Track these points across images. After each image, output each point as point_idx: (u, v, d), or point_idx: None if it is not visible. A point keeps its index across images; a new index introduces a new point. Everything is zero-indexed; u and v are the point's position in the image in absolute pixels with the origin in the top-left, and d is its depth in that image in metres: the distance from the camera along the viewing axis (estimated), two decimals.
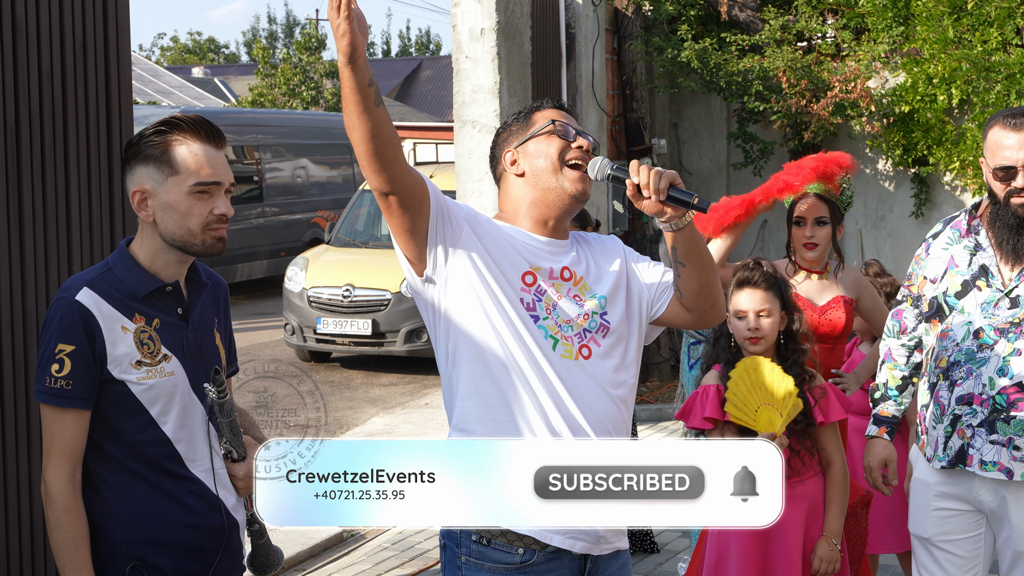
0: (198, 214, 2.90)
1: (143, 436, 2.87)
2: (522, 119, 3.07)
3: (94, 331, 2.81)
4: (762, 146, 11.20)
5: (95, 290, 2.85)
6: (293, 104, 31.63)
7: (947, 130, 10.52)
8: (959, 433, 3.79)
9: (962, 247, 3.89)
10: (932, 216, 10.90)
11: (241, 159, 19.51)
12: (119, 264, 2.92)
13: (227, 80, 43.02)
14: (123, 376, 2.84)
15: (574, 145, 2.99)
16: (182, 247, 2.92)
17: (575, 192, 2.99)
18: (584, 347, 2.96)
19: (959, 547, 3.87)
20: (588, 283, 3.03)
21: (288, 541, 6.72)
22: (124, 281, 2.89)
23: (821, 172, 4.79)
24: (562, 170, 2.98)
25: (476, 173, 7.94)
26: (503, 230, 2.98)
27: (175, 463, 2.92)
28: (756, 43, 11.09)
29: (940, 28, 10.27)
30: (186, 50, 70.22)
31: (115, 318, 2.84)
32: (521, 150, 3.03)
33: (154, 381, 2.87)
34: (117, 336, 2.84)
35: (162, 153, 2.89)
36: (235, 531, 3.04)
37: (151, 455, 2.89)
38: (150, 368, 2.87)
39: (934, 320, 3.92)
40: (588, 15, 10.51)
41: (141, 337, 2.87)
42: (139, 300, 2.89)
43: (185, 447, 2.93)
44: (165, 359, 2.90)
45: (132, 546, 2.88)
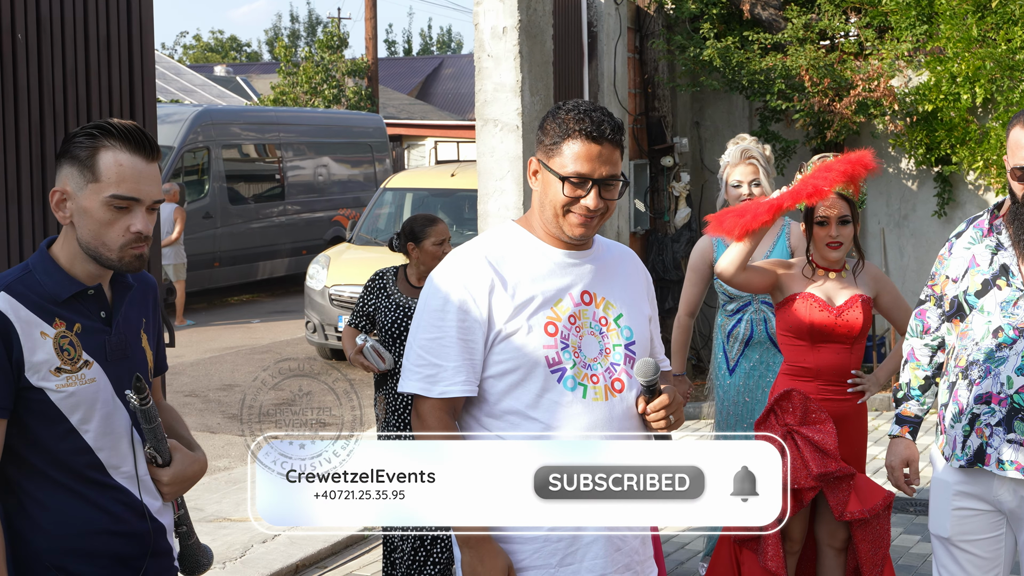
0: (116, 229, 2.76)
1: (63, 444, 2.76)
2: (556, 135, 2.97)
3: (11, 337, 2.69)
4: (784, 145, 11.17)
5: (12, 294, 2.73)
6: (315, 103, 31.66)
7: (971, 129, 10.47)
8: (977, 432, 3.78)
9: (984, 246, 3.87)
10: (955, 215, 10.85)
11: (263, 157, 19.56)
12: (39, 267, 2.80)
13: (249, 78, 43.10)
14: (41, 383, 2.72)
15: (582, 201, 2.94)
16: (96, 258, 2.79)
17: (573, 236, 3.00)
18: (616, 380, 3.01)
19: (979, 547, 3.86)
20: (610, 300, 3.06)
21: (309, 539, 6.74)
22: (44, 284, 2.77)
23: (850, 176, 4.76)
24: (564, 216, 2.98)
25: (498, 172, 7.94)
26: (520, 270, 2.99)
27: (98, 471, 2.81)
28: (779, 41, 11.05)
29: (964, 26, 10.22)
30: (208, 48, 70.36)
31: (34, 323, 2.72)
32: (541, 167, 3.01)
33: (74, 389, 2.75)
34: (36, 342, 2.72)
35: (88, 157, 2.76)
36: (161, 535, 2.94)
37: (72, 463, 2.78)
38: (70, 375, 2.75)
39: (955, 319, 3.91)
40: (610, 13, 10.50)
41: (61, 343, 2.75)
42: (59, 304, 2.77)
43: (107, 455, 2.82)
44: (86, 365, 2.77)
45: (53, 556, 2.77)
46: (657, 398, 2.99)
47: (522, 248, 3.03)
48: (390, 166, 21.67)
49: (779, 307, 4.88)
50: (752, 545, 4.78)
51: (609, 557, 2.98)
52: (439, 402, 2.95)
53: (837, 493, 4.69)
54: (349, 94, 31.87)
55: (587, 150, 2.93)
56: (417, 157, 25.66)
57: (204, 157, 17.95)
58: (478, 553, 2.90)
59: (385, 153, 21.73)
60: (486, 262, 2.98)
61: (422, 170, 18.66)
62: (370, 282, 5.84)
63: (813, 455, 4.64)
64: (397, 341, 5.64)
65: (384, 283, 5.81)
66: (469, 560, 2.91)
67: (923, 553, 6.49)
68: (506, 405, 2.96)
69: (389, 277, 5.85)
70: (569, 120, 2.95)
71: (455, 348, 2.94)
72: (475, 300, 2.94)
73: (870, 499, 4.70)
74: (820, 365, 4.78)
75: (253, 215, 18.52)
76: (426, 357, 2.96)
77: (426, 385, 2.95)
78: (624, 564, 3.02)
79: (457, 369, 2.94)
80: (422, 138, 25.72)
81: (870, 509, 4.68)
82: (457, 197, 13.97)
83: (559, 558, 2.95)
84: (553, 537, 2.95)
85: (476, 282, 2.95)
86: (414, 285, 5.80)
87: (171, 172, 16.93)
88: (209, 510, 7.30)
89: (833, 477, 4.66)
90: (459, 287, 2.96)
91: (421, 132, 26.03)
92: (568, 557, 2.96)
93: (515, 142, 7.88)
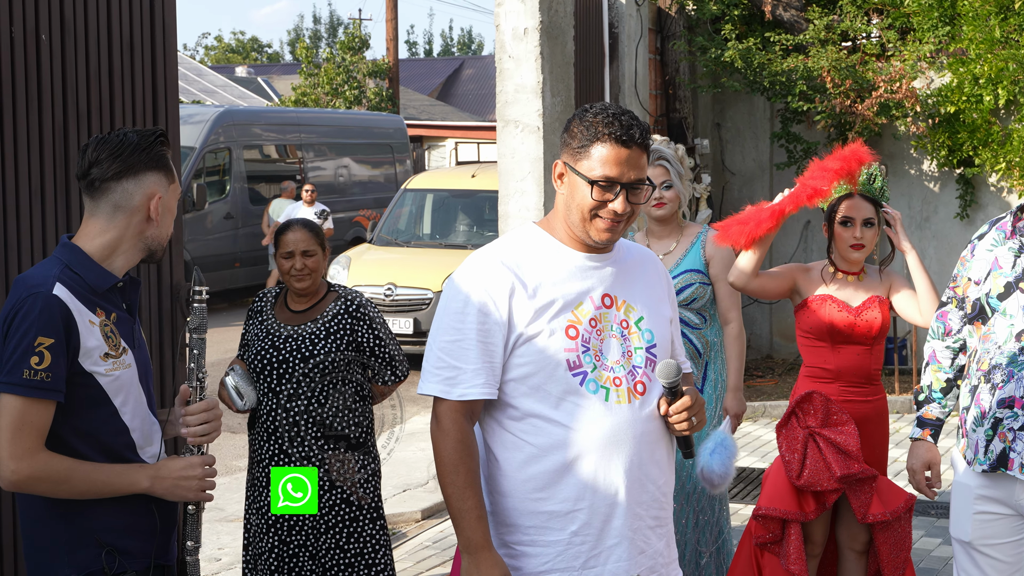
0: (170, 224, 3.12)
1: (107, 427, 2.97)
2: (584, 138, 2.96)
3: (71, 325, 2.89)
4: (806, 146, 11.14)
5: (66, 285, 2.92)
6: (336, 104, 31.73)
7: (993, 131, 10.42)
8: (1000, 437, 3.76)
9: (1007, 248, 3.85)
10: (977, 218, 10.81)
11: (284, 158, 19.62)
12: (74, 260, 2.98)
13: (270, 79, 43.23)
14: (92, 368, 2.92)
15: (611, 205, 2.94)
16: (158, 249, 3.09)
17: (599, 240, 2.99)
18: (639, 383, 3.01)
19: (1001, 551, 3.84)
20: (631, 303, 3.06)
21: None
22: (84, 277, 2.97)
23: (845, 173, 4.75)
24: (591, 220, 2.97)
25: (519, 173, 7.94)
26: (541, 273, 2.99)
27: (130, 451, 3.02)
28: (800, 43, 11.03)
29: (986, 28, 10.17)
30: (230, 49, 70.61)
31: (84, 312, 2.93)
32: (568, 171, 3.00)
33: (119, 373, 2.97)
34: (88, 329, 2.92)
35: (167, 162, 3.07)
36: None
37: (113, 444, 2.98)
38: (115, 360, 2.97)
39: (977, 322, 3.89)
40: (631, 15, 10.50)
41: (105, 331, 2.96)
42: (99, 295, 2.98)
43: (138, 435, 3.04)
44: (124, 352, 3.01)
45: (102, 534, 2.96)
46: (679, 400, 2.99)
47: (543, 251, 3.03)
48: (410, 167, 21.71)
49: (798, 309, 4.87)
50: (774, 548, 4.77)
51: (633, 560, 2.98)
52: (458, 404, 2.95)
53: (860, 495, 4.67)
54: (370, 95, 31.93)
55: (616, 154, 2.92)
56: (437, 158, 25.70)
57: (225, 158, 18.02)
58: (476, 561, 2.91)
59: (405, 154, 21.77)
60: (506, 265, 2.98)
61: (443, 171, 18.70)
62: (251, 305, 4.89)
63: (836, 457, 4.63)
64: (262, 375, 4.65)
65: (262, 306, 4.81)
66: (467, 566, 2.92)
67: (944, 556, 6.47)
68: (528, 408, 2.96)
69: (269, 299, 4.84)
70: (598, 123, 2.93)
71: (475, 350, 2.93)
72: (495, 302, 2.94)
73: (892, 501, 4.69)
74: (841, 366, 4.77)
75: None
76: (445, 359, 2.96)
77: (445, 387, 2.95)
78: (648, 567, 3.02)
79: (477, 371, 2.93)
80: (442, 139, 25.76)
81: (892, 511, 4.66)
82: (478, 198, 13.99)
83: (583, 560, 2.95)
84: (576, 540, 2.95)
85: (496, 284, 2.95)
86: (291, 309, 4.78)
87: (192, 173, 17.01)
88: (230, 510, 7.33)
89: (856, 479, 4.65)
90: (479, 289, 2.96)
91: (441, 133, 26.08)
92: (592, 560, 2.95)
93: (536, 143, 7.88)
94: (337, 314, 4.71)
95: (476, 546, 2.91)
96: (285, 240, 4.74)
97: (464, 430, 2.94)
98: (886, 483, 4.76)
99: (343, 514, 4.65)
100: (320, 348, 4.65)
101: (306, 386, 4.64)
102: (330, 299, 4.78)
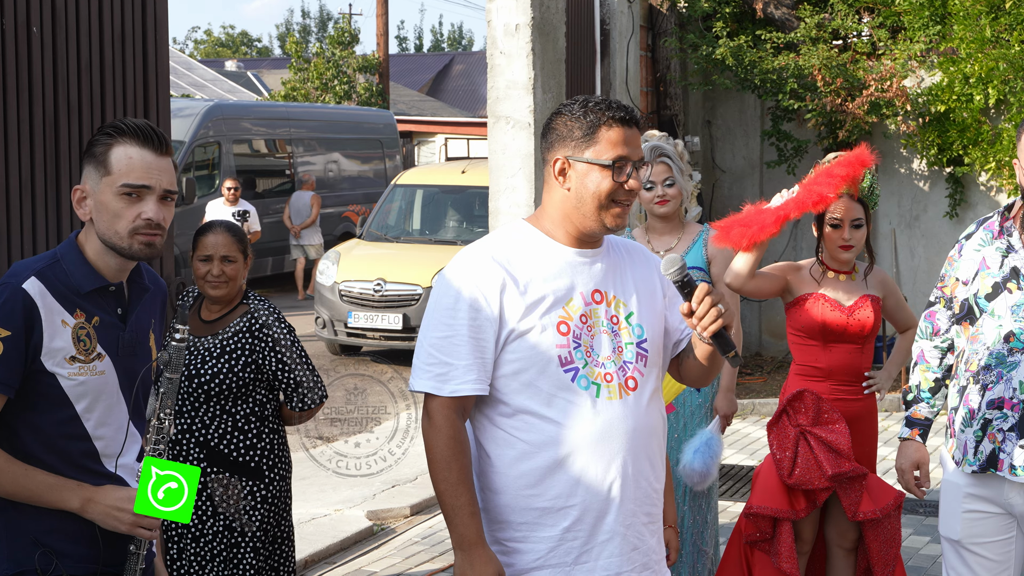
0: (126, 217, 2.87)
1: (62, 429, 2.87)
2: (586, 127, 2.97)
3: (34, 321, 2.81)
4: (796, 144, 11.16)
5: (42, 280, 2.85)
6: (326, 98, 31.69)
7: (983, 130, 10.45)
8: (990, 437, 3.76)
9: (994, 249, 3.85)
10: (967, 217, 10.83)
11: (273, 153, 19.59)
12: (67, 257, 2.91)
13: (260, 74, 43.16)
14: (55, 369, 2.84)
15: (626, 186, 2.96)
16: (112, 248, 2.90)
17: (614, 226, 3.00)
18: (630, 379, 3.00)
19: (990, 550, 3.84)
20: (621, 299, 3.05)
21: (318, 534, 6.75)
22: (70, 275, 2.89)
23: (851, 179, 4.75)
24: (608, 207, 2.96)
25: (509, 169, 7.94)
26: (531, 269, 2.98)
27: (91, 459, 2.91)
28: (791, 41, 11.04)
29: (977, 27, 10.19)
30: (219, 43, 70.49)
31: (56, 311, 2.84)
32: (573, 164, 2.99)
33: (85, 378, 2.87)
34: (56, 329, 2.83)
35: (102, 154, 2.90)
36: None
37: (66, 448, 2.88)
38: (83, 365, 2.87)
39: (965, 322, 3.89)
40: (623, 11, 10.50)
41: (79, 333, 2.87)
42: (82, 296, 2.89)
43: (104, 444, 2.93)
44: (99, 358, 2.90)
45: (41, 533, 2.88)
46: (695, 291, 2.88)
47: (532, 247, 3.02)
48: (400, 162, 21.68)
49: (789, 308, 4.88)
50: (763, 546, 4.78)
51: (625, 556, 2.98)
52: (450, 401, 2.94)
53: (850, 493, 4.68)
54: (360, 90, 31.89)
55: (623, 134, 2.97)
56: (427, 154, 25.69)
57: (215, 152, 17.98)
58: (469, 557, 2.91)
59: (395, 149, 21.75)
60: (497, 261, 2.97)
61: (433, 167, 18.68)
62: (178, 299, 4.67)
63: (827, 456, 4.64)
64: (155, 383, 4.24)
65: (183, 304, 4.56)
66: (460, 563, 2.92)
67: (933, 555, 6.49)
68: (519, 404, 2.95)
69: (189, 300, 4.58)
70: (596, 110, 2.97)
71: (466, 346, 2.93)
72: (486, 298, 2.93)
73: (882, 499, 4.70)
74: (832, 365, 4.78)
75: (263, 210, 18.56)
76: (436, 355, 2.95)
77: (437, 384, 2.94)
78: (642, 563, 3.02)
79: (468, 368, 2.93)
80: (432, 135, 25.75)
81: (882, 509, 4.67)
82: (468, 194, 13.98)
83: (575, 556, 2.95)
84: (569, 536, 2.95)
85: (487, 280, 2.94)
86: (200, 317, 4.48)
87: (182, 166, 16.96)
88: None
89: (846, 477, 4.66)
90: (470, 285, 2.95)
91: (431, 129, 26.06)
92: (584, 556, 2.95)
93: (527, 139, 7.88)
94: (239, 331, 4.38)
95: (470, 542, 2.91)
96: (204, 243, 4.41)
97: (456, 426, 2.94)
98: (876, 481, 4.77)
99: (225, 541, 4.37)
100: (209, 367, 4.33)
101: (189, 404, 4.37)
102: (237, 313, 4.43)
